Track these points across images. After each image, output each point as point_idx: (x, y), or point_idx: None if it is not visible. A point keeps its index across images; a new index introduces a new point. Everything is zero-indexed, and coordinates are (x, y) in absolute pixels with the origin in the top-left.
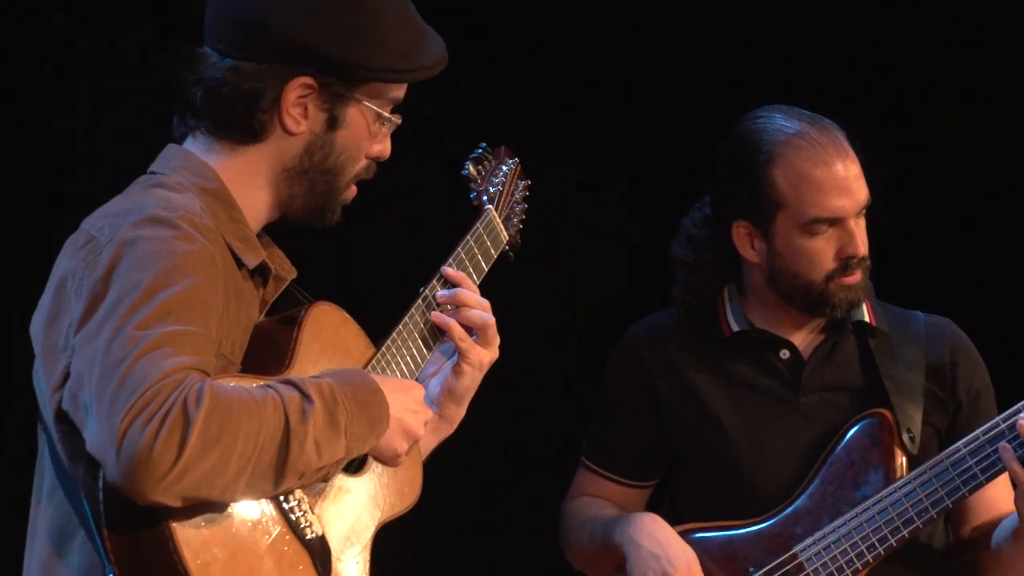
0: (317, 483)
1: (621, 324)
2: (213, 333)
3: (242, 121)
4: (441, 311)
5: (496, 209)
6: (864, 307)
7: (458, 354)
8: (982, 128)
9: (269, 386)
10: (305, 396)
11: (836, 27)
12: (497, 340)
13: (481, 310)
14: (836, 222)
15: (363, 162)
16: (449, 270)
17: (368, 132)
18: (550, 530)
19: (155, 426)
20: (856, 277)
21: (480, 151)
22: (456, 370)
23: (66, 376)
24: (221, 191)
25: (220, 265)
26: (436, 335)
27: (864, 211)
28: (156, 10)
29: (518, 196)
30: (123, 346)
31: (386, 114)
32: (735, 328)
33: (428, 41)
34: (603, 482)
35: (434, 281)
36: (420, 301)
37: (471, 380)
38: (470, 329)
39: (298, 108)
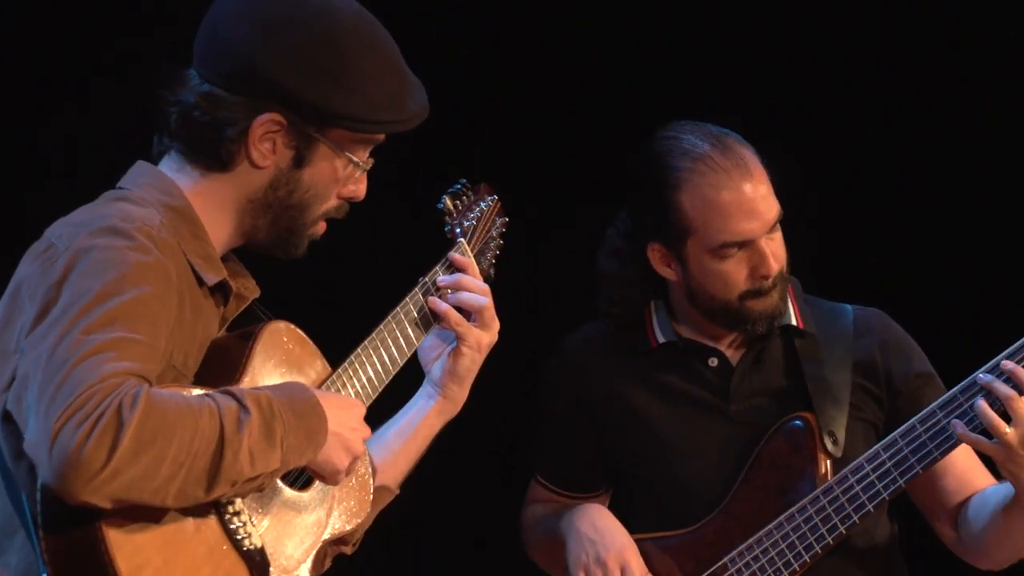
0: (251, 492)
1: None
2: (160, 344)
3: (210, 148)
4: (440, 297)
5: (469, 242)
6: (791, 310)
7: (457, 338)
8: (915, 119)
9: (207, 395)
10: (242, 406)
11: (765, 31)
12: (496, 323)
13: (479, 294)
14: (746, 244)
15: (333, 201)
16: (456, 255)
17: (337, 174)
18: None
19: (88, 427)
20: (772, 295)
21: (459, 187)
22: (455, 352)
23: (14, 378)
24: (185, 209)
25: (175, 278)
26: (431, 320)
27: (777, 225)
28: (130, 22)
29: (494, 233)
30: (67, 349)
31: (356, 159)
32: (661, 339)
33: (407, 93)
34: (554, 496)
35: (437, 267)
36: (417, 288)
37: (471, 361)
38: (468, 313)
39: (266, 143)
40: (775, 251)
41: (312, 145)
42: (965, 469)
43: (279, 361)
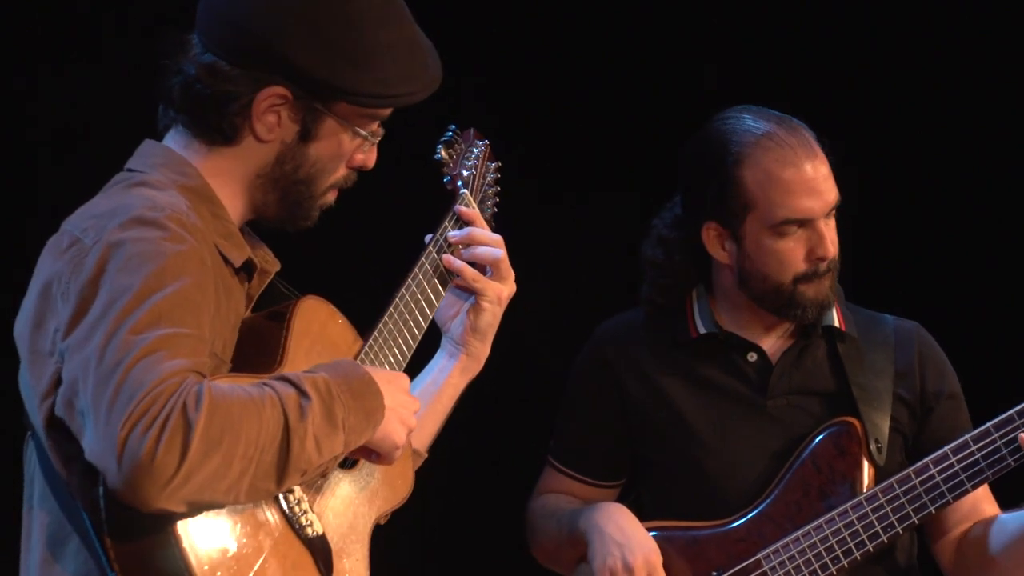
0: (317, 479)
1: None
2: (206, 333)
3: (213, 122)
4: (452, 252)
5: (471, 192)
6: (834, 311)
7: (475, 293)
8: (953, 129)
9: (266, 384)
10: (302, 393)
11: (804, 28)
12: (512, 274)
13: (492, 246)
14: (805, 223)
15: (342, 172)
16: (462, 208)
17: (343, 147)
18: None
19: (156, 432)
20: (825, 282)
21: (450, 134)
22: (475, 308)
23: (56, 382)
24: (203, 188)
25: (209, 264)
26: (447, 279)
27: (833, 211)
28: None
29: (490, 179)
30: (118, 351)
31: (363, 132)
32: (702, 330)
33: (421, 65)
34: (570, 482)
35: (445, 222)
36: (431, 246)
37: (491, 316)
38: (483, 267)
39: (271, 116)
40: (832, 236)
41: (319, 119)
42: (978, 495)
43: (315, 339)
